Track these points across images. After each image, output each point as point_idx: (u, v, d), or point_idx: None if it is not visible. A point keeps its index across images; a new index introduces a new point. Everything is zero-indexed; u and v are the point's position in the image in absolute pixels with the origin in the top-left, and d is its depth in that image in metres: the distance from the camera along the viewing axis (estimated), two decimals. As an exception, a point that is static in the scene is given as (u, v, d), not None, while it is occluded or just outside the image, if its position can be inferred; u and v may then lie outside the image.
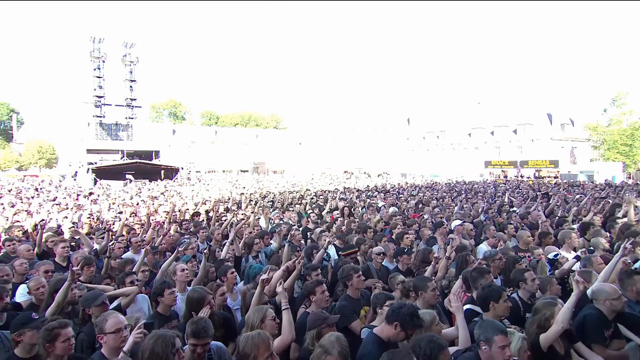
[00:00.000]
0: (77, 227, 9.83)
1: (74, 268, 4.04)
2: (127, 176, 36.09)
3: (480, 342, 2.82)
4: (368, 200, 14.60)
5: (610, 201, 12.88)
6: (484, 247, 7.14)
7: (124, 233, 8.38)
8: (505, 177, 42.76)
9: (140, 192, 19.75)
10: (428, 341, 2.61)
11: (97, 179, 33.62)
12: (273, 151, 63.49)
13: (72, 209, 13.33)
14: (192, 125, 72.94)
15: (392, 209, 11.57)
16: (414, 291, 4.32)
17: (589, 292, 4.15)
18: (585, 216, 9.75)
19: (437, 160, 57.33)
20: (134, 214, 11.75)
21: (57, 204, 14.45)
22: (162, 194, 19.24)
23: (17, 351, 3.25)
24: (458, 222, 8.11)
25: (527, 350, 3.20)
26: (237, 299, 5.19)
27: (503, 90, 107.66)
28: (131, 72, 49.52)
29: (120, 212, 13.10)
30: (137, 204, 15.41)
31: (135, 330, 2.95)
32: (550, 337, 3.29)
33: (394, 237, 7.88)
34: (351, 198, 15.59)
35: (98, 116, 48.53)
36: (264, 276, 3.86)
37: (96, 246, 7.40)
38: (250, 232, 8.10)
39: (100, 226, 10.11)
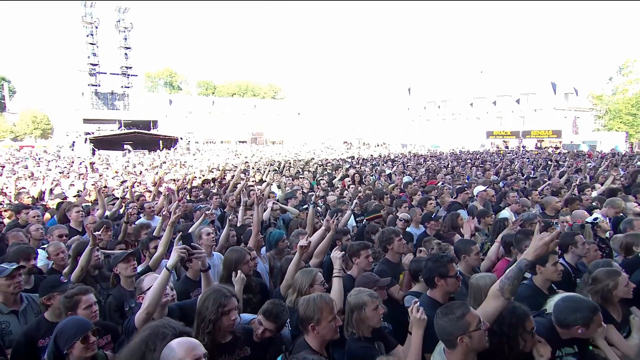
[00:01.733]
0: (82, 195, 9.60)
1: (96, 233, 3.80)
2: (126, 146, 35.56)
3: (576, 326, 2.62)
4: (378, 167, 14.37)
5: (622, 170, 12.74)
6: (506, 213, 6.95)
7: (134, 200, 8.14)
8: (507, 147, 42.48)
9: (142, 162, 19.37)
10: (512, 310, 2.40)
11: (95, 149, 33.14)
12: (271, 121, 62.67)
13: (77, 177, 13.03)
14: (189, 95, 71.61)
15: (406, 178, 11.34)
16: (457, 254, 4.12)
17: None
18: (602, 183, 9.57)
19: (438, 130, 56.83)
20: (140, 183, 11.47)
21: (60, 172, 14.14)
22: (164, 162, 18.91)
23: (47, 315, 3.12)
24: (481, 187, 7.89)
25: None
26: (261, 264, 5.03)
27: (506, 58, 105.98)
28: (125, 39, 47.88)
29: (124, 181, 12.85)
30: (141, 173, 15.15)
31: (176, 245, 2.84)
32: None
33: (413, 203, 7.70)
34: (361, 166, 15.34)
35: (93, 85, 47.24)
36: (303, 242, 3.63)
37: (107, 212, 7.17)
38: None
39: (110, 193, 9.86)
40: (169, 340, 2.01)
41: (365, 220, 6.64)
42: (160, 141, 39.44)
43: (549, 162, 15.42)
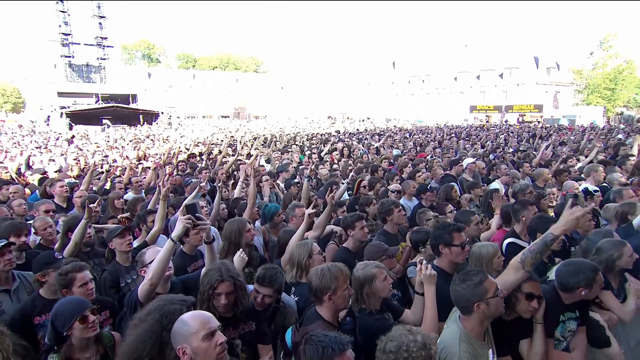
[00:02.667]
0: (63, 171, 9.29)
1: (92, 205, 3.64)
2: (104, 121, 34.40)
3: (579, 288, 2.64)
4: (365, 141, 14.31)
5: (602, 144, 13.03)
6: (496, 185, 7.01)
7: (121, 175, 7.90)
8: (488, 122, 42.89)
9: (123, 137, 18.78)
10: None
11: (72, 124, 31.97)
12: (254, 96, 61.50)
13: (58, 154, 12.58)
14: (169, 69, 69.29)
15: (395, 151, 11.33)
16: (456, 225, 4.14)
17: (635, 222, 4.06)
18: (586, 155, 9.77)
19: (422, 105, 56.85)
20: (126, 157, 11.14)
21: (37, 147, 13.61)
22: (147, 137, 18.41)
23: (43, 292, 3.02)
24: (470, 160, 7.92)
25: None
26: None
27: (491, 32, 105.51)
28: (99, 7, 45.61)
29: (106, 156, 12.48)
30: (123, 148, 14.72)
31: (180, 215, 2.72)
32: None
33: (403, 176, 7.69)
34: (349, 140, 15.25)
35: (67, 56, 45.11)
36: (310, 210, 3.59)
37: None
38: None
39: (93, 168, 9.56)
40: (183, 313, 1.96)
41: (352, 194, 6.62)
42: (141, 116, 38.36)
43: (535, 136, 15.62)
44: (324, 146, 12.82)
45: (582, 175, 7.12)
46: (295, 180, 7.53)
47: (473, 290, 2.18)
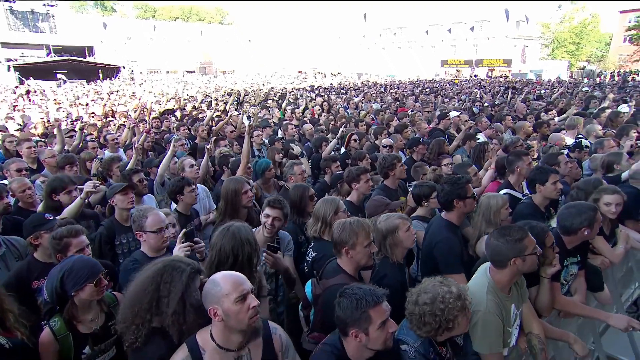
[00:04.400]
0: (26, 128, 8.64)
1: (89, 185, 3.40)
2: (59, 75, 31.86)
3: (582, 228, 2.71)
4: (344, 96, 14.05)
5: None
6: (480, 138, 7.08)
7: (92, 132, 7.42)
8: (457, 76, 43.05)
9: (86, 93, 17.51)
10: (531, 228, 2.42)
11: (23, 78, 29.49)
12: (220, 49, 58.43)
13: (12, 108, 11.64)
14: (126, 19, 64.13)
15: (375, 105, 11.19)
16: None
17: (624, 175, 4.21)
18: (561, 108, 10.03)
19: (393, 59, 56.08)
20: (92, 114, 10.45)
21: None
22: (112, 93, 17.29)
23: (38, 255, 2.87)
24: (455, 113, 7.94)
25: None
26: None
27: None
28: (41, -53, 40.91)
29: (70, 113, 11.69)
30: (87, 105, 13.80)
31: (179, 244, 2.53)
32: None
33: (390, 130, 7.64)
34: (327, 94, 14.93)
35: (6, 1, 40.63)
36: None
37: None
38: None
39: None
40: (187, 275, 1.88)
41: (343, 149, 6.54)
42: (100, 70, 35.79)
43: (507, 89, 15.83)
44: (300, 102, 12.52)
45: (563, 127, 7.32)
46: (279, 136, 7.35)
47: (513, 246, 2.16)
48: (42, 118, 9.29)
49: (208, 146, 5.57)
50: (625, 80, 24.40)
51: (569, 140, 6.37)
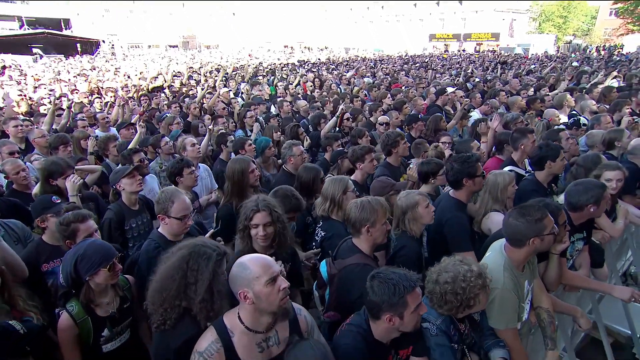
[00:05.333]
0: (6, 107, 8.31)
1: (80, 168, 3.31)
2: (35, 50, 30.52)
3: (589, 205, 2.74)
4: (335, 72, 13.85)
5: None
6: (475, 115, 7.09)
7: (81, 111, 7.16)
8: (447, 50, 42.75)
9: (69, 70, 16.80)
10: (545, 205, 2.44)
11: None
12: (203, 23, 56.61)
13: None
14: (103, -11, 61.37)
15: (367, 79, 11.07)
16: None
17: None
18: (552, 83, 10.08)
19: (380, 33, 55.24)
20: (76, 91, 10.09)
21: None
22: (94, 69, 16.68)
23: (46, 238, 2.84)
24: (450, 89, 7.91)
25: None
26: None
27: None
28: None
29: (52, 90, 11.27)
30: (69, 81, 13.30)
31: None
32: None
33: (384, 107, 7.57)
34: (318, 70, 14.70)
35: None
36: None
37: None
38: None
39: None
40: (213, 261, 1.86)
41: (337, 128, 6.47)
42: (78, 45, 34.38)
43: (498, 65, 15.80)
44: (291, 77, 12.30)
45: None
46: (274, 113, 7.23)
47: (532, 225, 2.17)
48: (24, 95, 8.90)
49: (209, 125, 5.47)
50: (612, 54, 24.54)
51: (563, 118, 6.43)
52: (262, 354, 1.79)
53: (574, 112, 6.86)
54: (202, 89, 8.98)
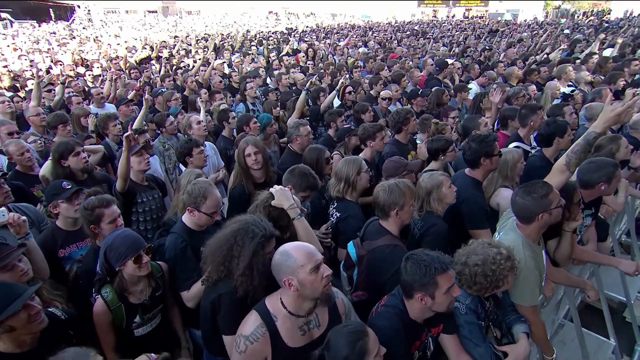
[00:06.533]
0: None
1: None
2: (4, 15, 28.72)
3: (600, 184, 2.82)
4: (326, 41, 13.54)
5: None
6: (473, 87, 7.08)
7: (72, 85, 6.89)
8: (435, 17, 42.01)
9: (49, 39, 15.89)
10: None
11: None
12: (183, -13, 54.00)
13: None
14: (73, -51, 57.64)
15: (362, 49, 10.88)
16: (466, 131, 4.21)
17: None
18: (548, 52, 10.08)
19: (367, -2, 53.65)
20: (59, 62, 9.66)
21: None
22: (73, 38, 15.89)
23: (60, 224, 2.86)
24: (450, 61, 7.86)
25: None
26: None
27: None
28: None
29: (32, 61, 10.76)
30: (49, 50, 12.69)
31: None
32: None
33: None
34: (310, 39, 14.34)
35: None
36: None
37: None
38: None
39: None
40: (258, 241, 1.93)
41: (338, 101, 6.41)
42: (51, 9, 32.54)
43: (490, 33, 15.65)
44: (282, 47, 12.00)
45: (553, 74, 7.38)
46: (273, 87, 7.10)
47: (539, 202, 2.24)
48: (6, 67, 8.48)
49: (201, 99, 5.34)
50: (602, 20, 24.46)
51: (562, 89, 6.47)
52: (304, 336, 1.87)
53: (569, 84, 6.91)
54: (194, 61, 8.71)
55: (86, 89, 7.18)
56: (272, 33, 18.13)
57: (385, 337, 1.78)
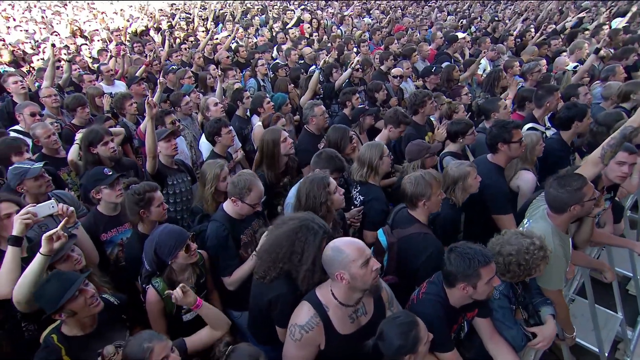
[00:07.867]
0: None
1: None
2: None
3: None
4: (329, 10, 13.16)
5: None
6: (483, 62, 7.01)
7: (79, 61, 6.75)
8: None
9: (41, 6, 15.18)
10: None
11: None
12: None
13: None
14: None
15: (366, 19, 10.63)
16: (485, 113, 4.25)
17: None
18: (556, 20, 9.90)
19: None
20: (56, 33, 9.36)
21: None
22: (65, 6, 15.22)
23: (101, 209, 2.95)
24: (461, 35, 7.73)
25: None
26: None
27: None
28: None
29: (27, 31, 10.41)
30: (43, 20, 12.22)
31: None
32: None
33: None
34: (311, 8, 13.93)
35: None
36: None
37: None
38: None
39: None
40: (320, 238, 2.02)
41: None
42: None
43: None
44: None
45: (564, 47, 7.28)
46: (282, 63, 6.99)
47: (573, 194, 2.32)
48: (3, 41, 8.15)
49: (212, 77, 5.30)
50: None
51: (572, 64, 6.41)
52: (353, 324, 2.01)
53: (581, 59, 6.83)
54: (197, 34, 8.50)
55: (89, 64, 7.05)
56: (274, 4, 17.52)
57: (428, 323, 1.91)
